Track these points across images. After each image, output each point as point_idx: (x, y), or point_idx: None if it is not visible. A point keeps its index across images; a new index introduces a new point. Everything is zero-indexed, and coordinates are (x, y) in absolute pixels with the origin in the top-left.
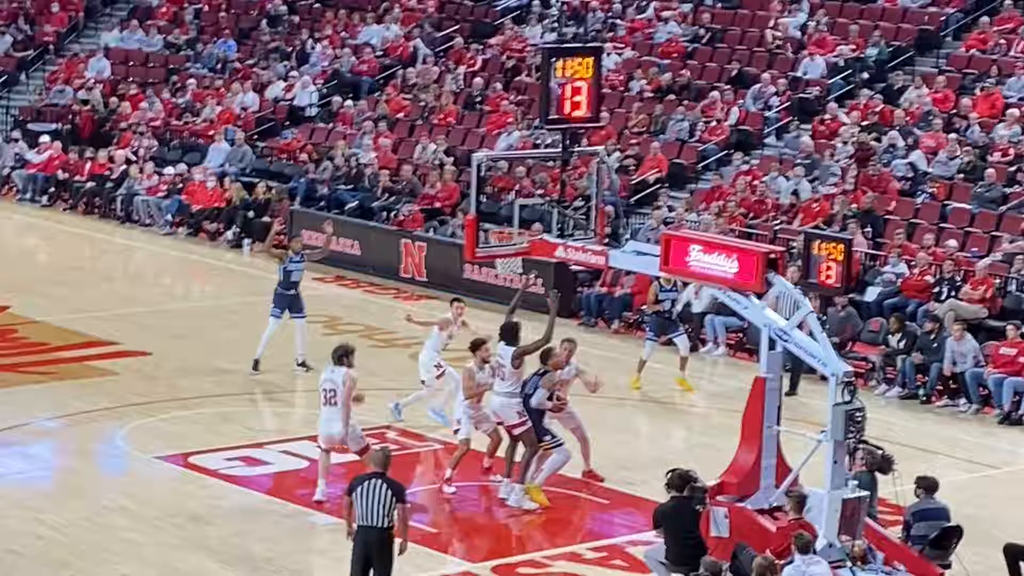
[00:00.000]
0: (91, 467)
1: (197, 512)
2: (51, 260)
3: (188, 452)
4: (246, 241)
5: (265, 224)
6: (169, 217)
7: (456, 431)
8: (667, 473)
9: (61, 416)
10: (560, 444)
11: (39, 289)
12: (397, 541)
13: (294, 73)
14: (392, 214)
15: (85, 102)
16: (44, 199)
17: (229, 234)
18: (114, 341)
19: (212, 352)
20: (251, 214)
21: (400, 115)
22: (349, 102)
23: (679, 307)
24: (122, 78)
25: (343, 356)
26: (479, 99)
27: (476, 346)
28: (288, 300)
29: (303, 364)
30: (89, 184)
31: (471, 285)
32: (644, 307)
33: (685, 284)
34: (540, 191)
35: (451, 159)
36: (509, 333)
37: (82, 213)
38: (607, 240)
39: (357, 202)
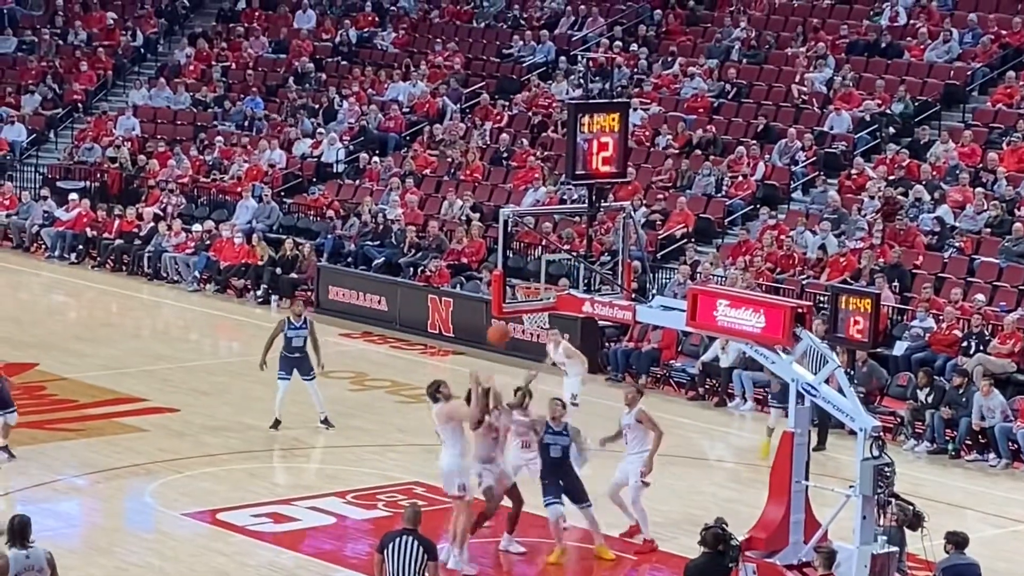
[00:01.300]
0: (119, 524)
1: (225, 569)
2: (79, 317)
3: (216, 509)
4: (274, 298)
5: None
6: (197, 274)
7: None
8: (702, 530)
9: (89, 473)
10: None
11: (67, 346)
12: None
13: (321, 130)
14: (419, 270)
15: (113, 160)
16: (72, 256)
17: (257, 291)
18: (142, 398)
19: (240, 409)
20: (279, 271)
21: (427, 171)
22: (376, 158)
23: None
24: (150, 136)
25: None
26: (506, 155)
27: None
28: (294, 363)
29: (325, 421)
30: (117, 241)
31: None
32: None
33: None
34: (567, 246)
35: (478, 215)
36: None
37: (110, 270)
38: (634, 295)
39: (384, 258)
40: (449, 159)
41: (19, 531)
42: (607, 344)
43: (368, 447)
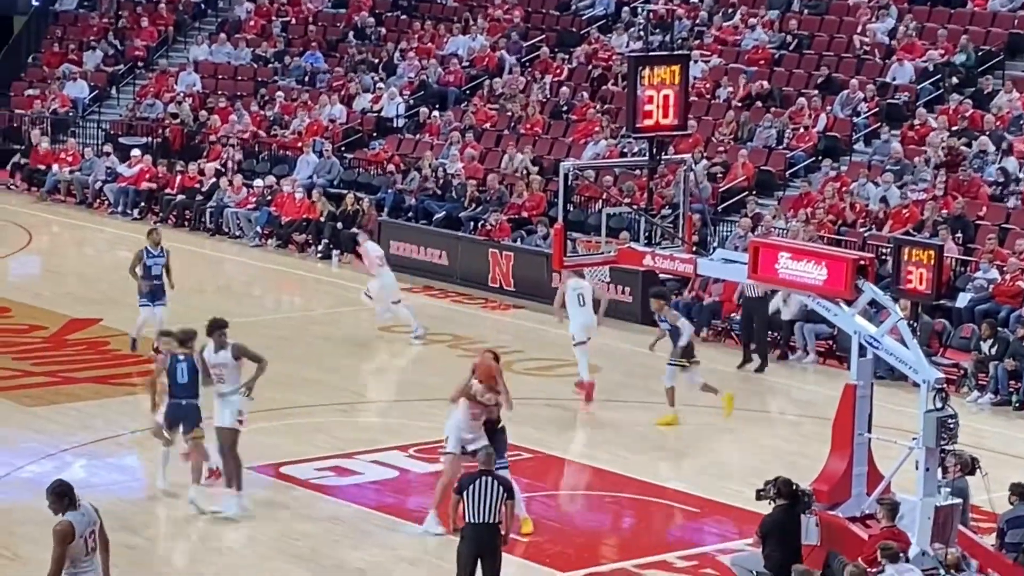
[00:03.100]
0: (184, 477)
1: (289, 522)
2: None
3: (279, 463)
4: (335, 253)
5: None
6: (258, 229)
7: None
8: (770, 483)
9: (152, 427)
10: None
11: (131, 301)
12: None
13: (381, 85)
14: (480, 224)
15: (175, 116)
16: (135, 212)
17: (318, 246)
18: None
19: (302, 363)
20: (340, 225)
21: (487, 125)
22: (436, 113)
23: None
24: (211, 91)
25: None
26: (565, 108)
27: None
28: (152, 289)
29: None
30: (179, 197)
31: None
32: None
33: (774, 291)
34: (627, 200)
35: (538, 168)
36: None
37: (172, 226)
38: (695, 248)
39: (444, 212)
40: (509, 113)
41: (69, 493)
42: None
43: (429, 401)
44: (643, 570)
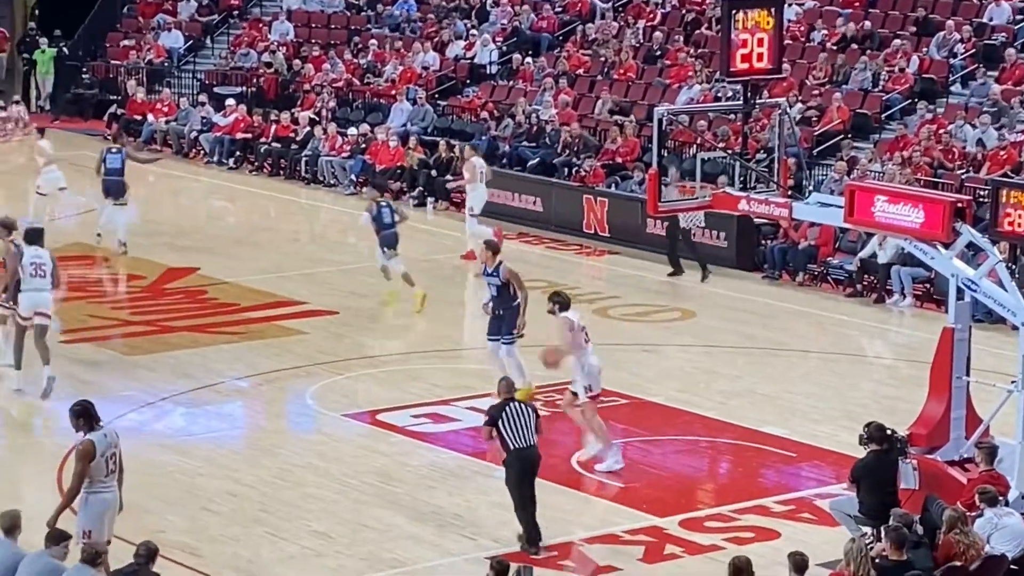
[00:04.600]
0: (281, 426)
1: (386, 469)
2: (238, 222)
3: (375, 410)
4: (429, 200)
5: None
6: (353, 177)
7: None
8: (864, 427)
9: (251, 375)
10: None
11: (227, 250)
12: None
13: (474, 31)
14: (574, 170)
15: (269, 65)
16: (231, 162)
17: (413, 193)
18: (302, 301)
19: (398, 311)
20: (434, 173)
21: (580, 71)
22: (529, 59)
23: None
24: (305, 40)
25: None
26: (659, 53)
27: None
28: (110, 185)
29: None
30: (274, 146)
31: (654, 240)
32: None
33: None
34: (722, 144)
35: (631, 114)
36: None
37: (268, 175)
38: (790, 192)
39: (538, 159)
40: (602, 58)
41: (93, 413)
42: (763, 242)
43: (524, 347)
44: (740, 515)
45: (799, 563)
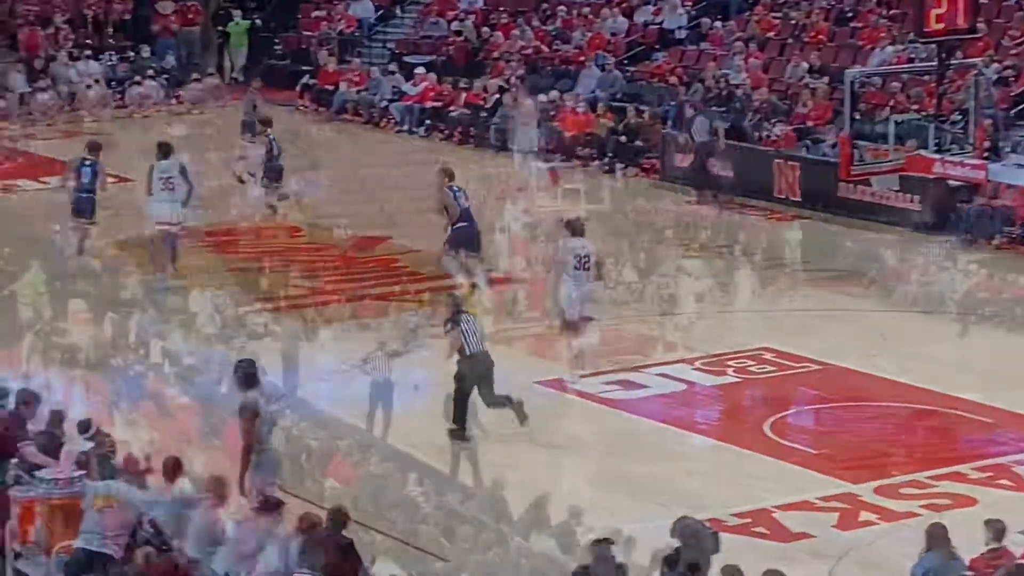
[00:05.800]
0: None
1: (576, 436)
2: (429, 190)
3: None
4: (619, 166)
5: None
6: (542, 144)
7: None
8: None
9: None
10: None
11: (418, 219)
12: None
13: None
14: (764, 134)
15: (458, 33)
16: (421, 130)
17: (603, 160)
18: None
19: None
20: (623, 139)
21: (770, 34)
22: (718, 23)
23: None
24: (493, 8)
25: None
26: (851, 14)
27: None
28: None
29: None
30: (464, 113)
31: (847, 204)
32: None
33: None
34: (916, 106)
35: (823, 77)
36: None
37: (458, 143)
38: (986, 154)
39: (729, 123)
40: (793, 21)
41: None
42: (958, 204)
43: (718, 314)
44: (936, 481)
45: (998, 530)
